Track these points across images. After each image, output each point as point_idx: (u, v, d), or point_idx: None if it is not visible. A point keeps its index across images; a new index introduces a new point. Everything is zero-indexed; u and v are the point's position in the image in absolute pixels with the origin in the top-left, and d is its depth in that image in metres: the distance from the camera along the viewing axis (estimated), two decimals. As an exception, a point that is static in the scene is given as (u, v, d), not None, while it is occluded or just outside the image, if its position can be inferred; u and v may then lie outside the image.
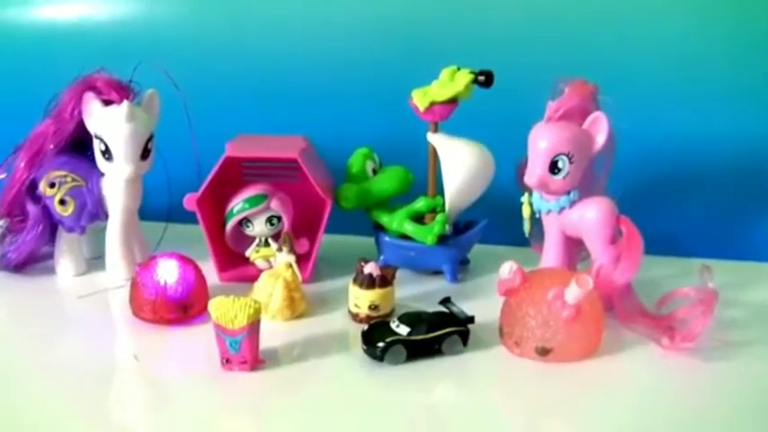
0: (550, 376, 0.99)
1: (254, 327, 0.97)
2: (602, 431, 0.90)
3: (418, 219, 1.24)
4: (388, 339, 0.99)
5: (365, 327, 1.04)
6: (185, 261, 1.11)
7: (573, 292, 0.99)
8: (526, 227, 1.20)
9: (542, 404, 0.95)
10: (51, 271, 1.26)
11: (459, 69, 1.16)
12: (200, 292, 1.11)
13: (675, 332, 1.04)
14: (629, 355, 1.05)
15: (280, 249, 1.13)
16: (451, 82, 1.15)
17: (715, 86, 1.34)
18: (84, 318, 1.14)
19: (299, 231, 1.23)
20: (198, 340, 1.06)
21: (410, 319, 1.03)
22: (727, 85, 1.33)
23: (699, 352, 1.03)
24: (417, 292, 1.21)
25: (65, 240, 1.23)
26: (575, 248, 1.19)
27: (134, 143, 1.15)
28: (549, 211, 1.16)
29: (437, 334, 1.01)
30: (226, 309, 0.96)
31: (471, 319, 1.04)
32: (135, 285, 1.10)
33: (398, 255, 1.24)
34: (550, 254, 1.19)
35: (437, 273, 1.26)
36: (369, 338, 1.01)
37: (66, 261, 1.24)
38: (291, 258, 1.12)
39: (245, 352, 0.97)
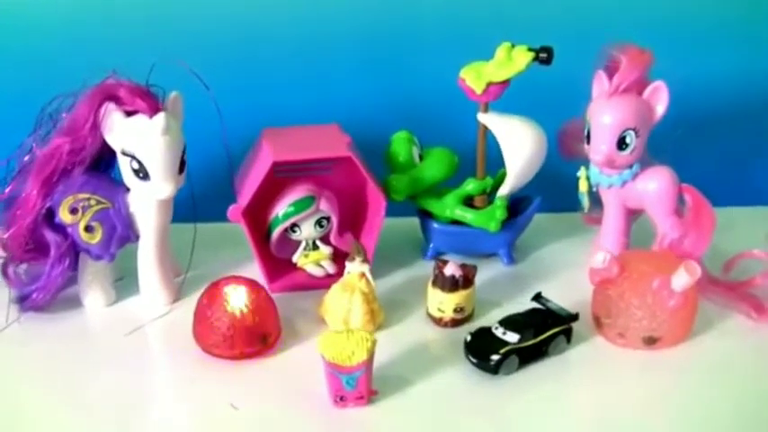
0: (655, 363, 0.99)
1: (371, 360, 0.90)
2: (718, 413, 0.92)
3: (467, 202, 1.18)
4: (502, 351, 0.95)
5: (467, 337, 0.98)
6: (254, 285, 1.00)
7: (681, 280, 0.97)
8: (585, 202, 1.17)
9: (655, 393, 0.95)
10: (76, 302, 1.10)
11: (514, 46, 1.09)
12: (275, 317, 1.02)
13: (760, 302, 1.06)
14: (719, 331, 1.05)
15: (351, 259, 1.04)
16: (509, 61, 1.08)
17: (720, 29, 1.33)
18: (137, 358, 1.01)
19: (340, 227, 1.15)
20: (282, 372, 0.98)
21: (514, 323, 0.98)
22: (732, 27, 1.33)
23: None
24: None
25: (91, 269, 1.08)
26: (631, 218, 1.18)
27: (172, 158, 1.01)
28: (610, 186, 1.13)
29: (545, 336, 0.97)
30: (341, 346, 0.88)
31: (576, 317, 1.00)
32: (202, 320, 0.98)
33: (450, 241, 1.19)
34: (610, 227, 1.17)
35: (488, 255, 1.21)
36: (476, 350, 0.96)
37: (94, 292, 1.09)
38: (365, 268, 1.04)
39: (362, 387, 0.90)
